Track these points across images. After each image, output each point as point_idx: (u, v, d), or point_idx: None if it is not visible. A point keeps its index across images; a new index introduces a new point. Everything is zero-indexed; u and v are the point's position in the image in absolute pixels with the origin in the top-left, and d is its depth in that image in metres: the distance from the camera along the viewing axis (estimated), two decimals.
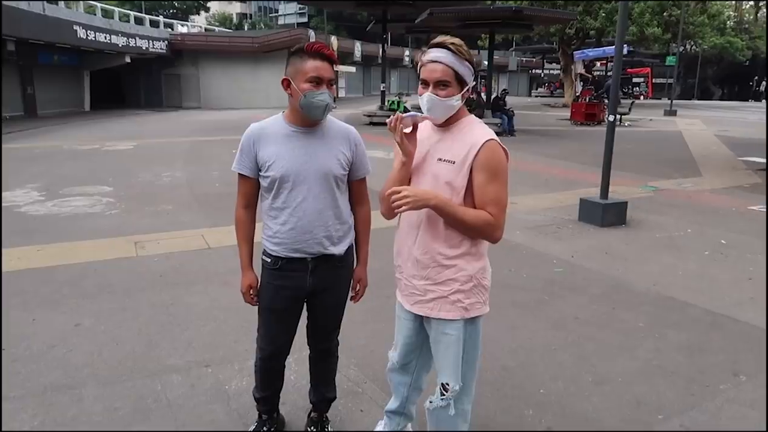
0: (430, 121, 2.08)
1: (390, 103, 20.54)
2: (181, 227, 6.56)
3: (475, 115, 2.16)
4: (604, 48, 25.34)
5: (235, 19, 71.61)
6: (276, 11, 74.35)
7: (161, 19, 37.54)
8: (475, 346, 2.17)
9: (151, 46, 30.51)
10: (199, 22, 54.03)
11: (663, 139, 16.88)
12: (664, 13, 29.89)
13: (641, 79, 51.61)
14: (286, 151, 2.18)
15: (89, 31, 24.90)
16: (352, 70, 44.41)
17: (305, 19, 62.10)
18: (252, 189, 2.30)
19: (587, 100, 21.83)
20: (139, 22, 33.06)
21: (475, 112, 17.64)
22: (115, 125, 21.28)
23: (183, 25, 42.11)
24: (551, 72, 57.75)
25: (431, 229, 2.06)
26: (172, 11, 52.66)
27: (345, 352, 3.42)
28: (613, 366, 3.42)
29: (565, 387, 3.18)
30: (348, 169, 2.29)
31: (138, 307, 4.25)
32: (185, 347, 3.61)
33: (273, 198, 2.24)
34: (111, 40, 26.70)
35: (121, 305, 4.27)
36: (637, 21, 28.59)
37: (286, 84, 2.17)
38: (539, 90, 56.66)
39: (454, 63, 1.95)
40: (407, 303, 2.20)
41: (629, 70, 50.17)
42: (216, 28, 50.12)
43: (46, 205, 7.62)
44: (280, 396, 2.66)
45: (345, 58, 41.82)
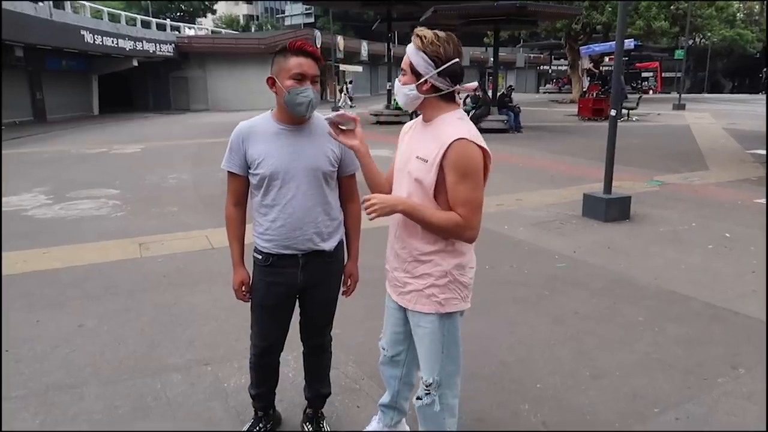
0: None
1: (395, 102, 20.53)
2: (186, 228, 6.61)
3: (482, 113, 2.17)
4: (611, 43, 25.11)
5: (241, 21, 71.85)
6: (282, 12, 74.47)
7: (168, 22, 37.76)
8: (455, 341, 2.18)
9: (158, 50, 30.75)
10: (206, 25, 54.32)
11: (670, 134, 16.75)
12: (672, 7, 29.65)
13: (650, 74, 51.21)
14: (275, 149, 2.21)
15: (96, 36, 25.13)
16: (359, 69, 44.45)
17: (312, 19, 62.11)
18: (242, 187, 2.33)
19: (594, 96, 21.71)
20: (146, 25, 33.29)
21: (482, 109, 17.64)
22: (123, 128, 21.45)
23: (190, 28, 42.35)
24: (559, 68, 57.43)
25: (408, 226, 2.10)
26: (179, 14, 52.93)
27: (343, 350, 3.48)
28: (611, 360, 3.42)
29: (562, 381, 3.18)
30: (337, 166, 2.31)
31: (141, 307, 4.29)
32: (186, 346, 3.64)
33: (263, 195, 2.26)
34: (118, 44, 26.93)
35: (124, 306, 4.32)
36: (644, 15, 28.39)
37: (271, 82, 2.20)
38: (547, 86, 56.33)
39: (410, 53, 1.99)
40: (393, 294, 2.26)
41: (638, 65, 49.79)
42: (223, 30, 50.37)
43: (53, 208, 7.71)
44: (275, 393, 2.69)
45: (352, 57, 41.88)
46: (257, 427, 2.63)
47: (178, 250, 5.73)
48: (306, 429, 2.67)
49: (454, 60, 1.96)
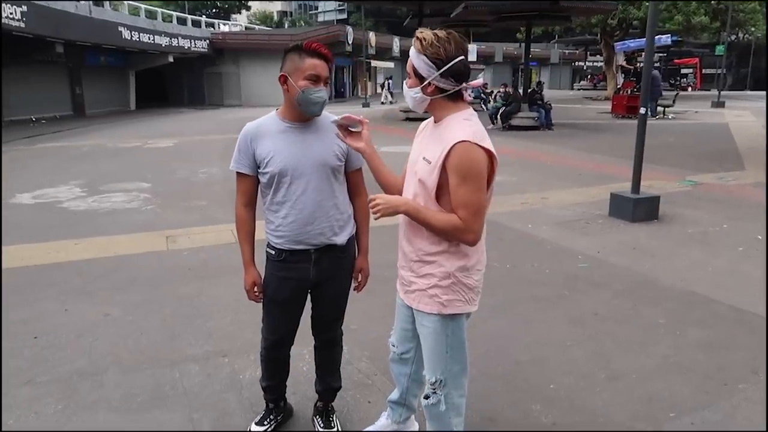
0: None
1: None
2: (213, 222, 6.73)
3: (512, 110, 2.15)
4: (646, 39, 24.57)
5: (275, 17, 72.57)
6: (316, 8, 75.07)
7: (203, 18, 38.40)
8: (460, 342, 2.18)
9: (193, 46, 31.27)
10: (240, 21, 55.01)
11: (707, 132, 16.31)
12: (712, 1, 28.78)
13: (689, 70, 49.86)
14: (283, 147, 2.25)
15: (134, 32, 25.68)
16: (391, 65, 44.42)
17: (344, 15, 62.48)
18: (251, 187, 2.37)
19: (629, 93, 21.26)
20: (182, 22, 33.91)
21: (512, 106, 17.46)
22: (157, 123, 21.92)
23: (225, 24, 42.93)
24: (594, 64, 56.35)
25: (414, 226, 2.10)
26: (214, 11, 53.73)
27: (358, 345, 3.51)
28: (628, 362, 3.37)
29: (576, 382, 3.15)
30: (344, 160, 2.34)
31: (164, 299, 4.40)
32: (206, 338, 3.73)
33: (273, 193, 2.30)
34: (155, 40, 27.49)
35: (148, 297, 4.43)
36: (683, 10, 27.65)
37: (284, 80, 2.23)
38: (582, 83, 55.36)
39: (412, 56, 1.99)
40: (401, 291, 2.28)
41: (676, 61, 48.52)
42: (256, 27, 50.90)
43: (86, 200, 7.94)
44: (286, 385, 2.74)
45: (384, 53, 41.86)
46: (268, 419, 2.68)
47: (204, 244, 5.85)
48: (316, 422, 2.71)
49: (456, 59, 1.94)
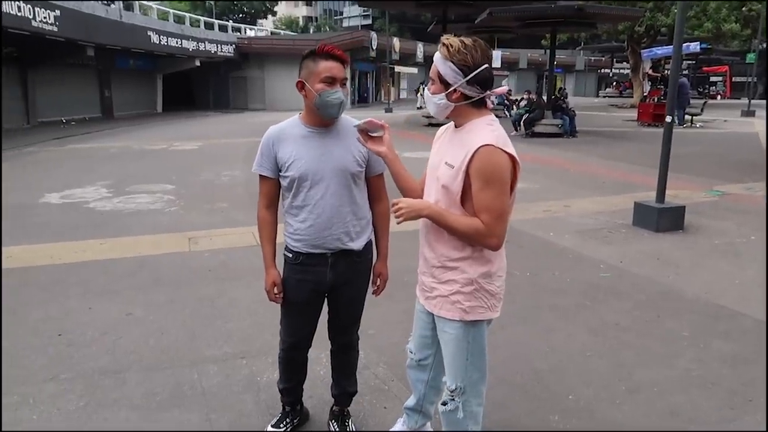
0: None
1: None
2: (234, 224, 6.80)
3: (535, 116, 2.16)
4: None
5: (301, 22, 73.23)
6: (341, 14, 75.46)
7: (230, 23, 38.91)
8: (481, 349, 2.17)
9: (219, 50, 31.73)
10: (266, 26, 55.64)
11: (736, 141, 16.01)
12: (743, 8, 28.24)
13: (719, 78, 48.99)
14: (304, 151, 2.27)
15: (162, 37, 26.17)
16: (414, 71, 44.51)
17: (369, 21, 62.64)
18: (273, 189, 2.40)
19: (656, 101, 20.97)
20: (209, 26, 34.41)
21: (536, 113, 17.35)
22: (183, 126, 22.25)
23: (251, 29, 43.46)
24: (621, 71, 55.72)
25: (436, 231, 2.11)
26: (240, 15, 54.42)
27: (375, 350, 3.52)
28: (649, 375, 3.31)
29: (595, 393, 3.11)
30: (365, 166, 2.35)
31: (185, 299, 4.46)
32: (225, 339, 3.76)
33: (293, 197, 2.32)
34: (182, 44, 27.97)
35: (170, 297, 4.49)
36: (713, 17, 27.17)
37: (301, 86, 2.26)
38: (607, 90, 54.75)
39: (437, 62, 1.99)
40: (421, 298, 2.27)
41: (705, 69, 47.74)
42: (282, 32, 51.42)
43: (112, 201, 8.09)
44: (303, 389, 2.75)
45: (407, 59, 41.97)
46: (285, 422, 2.69)
47: (225, 246, 5.91)
48: (332, 426, 2.72)
49: (482, 66, 1.95)
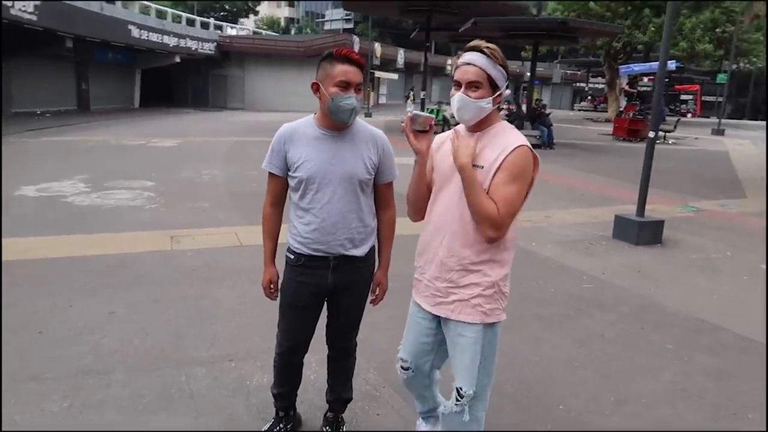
0: (463, 124, 2.12)
1: (430, 111, 20.56)
2: (217, 224, 6.72)
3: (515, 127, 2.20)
4: (651, 63, 24.81)
5: (282, 23, 72.87)
6: (323, 16, 75.46)
7: (211, 21, 38.50)
8: (493, 352, 2.18)
9: (200, 47, 31.39)
10: (247, 25, 55.24)
11: (708, 159, 16.42)
12: (717, 29, 29.03)
13: (690, 97, 50.22)
14: (315, 153, 2.25)
15: (143, 31, 25.79)
16: (395, 77, 44.61)
17: (351, 25, 62.79)
18: (280, 187, 2.37)
19: (631, 116, 21.39)
20: (191, 23, 34.03)
21: (515, 123, 17.51)
22: (161, 122, 21.93)
23: (232, 28, 43.08)
24: (595, 86, 56.73)
25: (460, 233, 2.09)
26: (222, 13, 53.93)
27: (365, 356, 3.47)
28: (636, 387, 3.36)
29: (585, 404, 3.14)
30: (374, 173, 2.33)
31: (169, 299, 4.38)
32: (211, 341, 3.70)
33: (299, 198, 2.30)
34: (163, 40, 27.59)
35: (153, 296, 4.41)
36: (688, 36, 27.88)
37: (315, 88, 2.24)
38: (582, 104, 55.69)
39: (487, 66, 2.00)
40: (427, 304, 2.23)
41: (677, 87, 48.88)
42: (264, 31, 51.11)
43: (90, 196, 7.91)
44: (297, 394, 2.72)
45: (388, 65, 42.07)
46: (278, 427, 2.65)
47: (208, 245, 5.83)
48: None
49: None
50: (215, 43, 33.18)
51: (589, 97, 55.29)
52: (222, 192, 8.72)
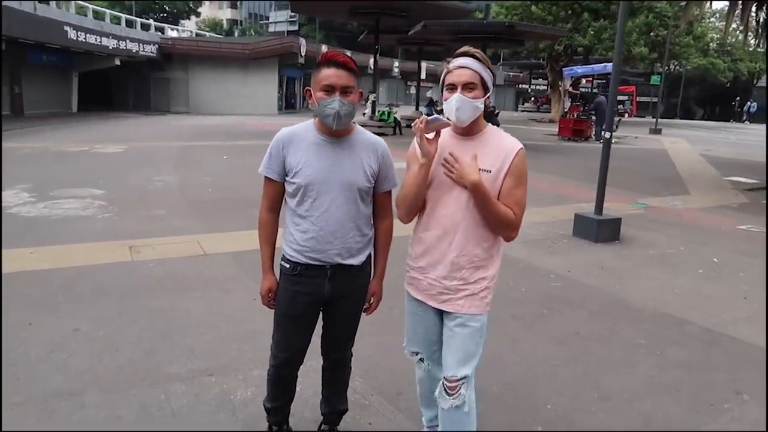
0: (452, 128, 2.20)
1: (381, 114, 20.59)
2: (176, 233, 6.49)
3: None
4: (593, 65, 25.67)
5: (225, 25, 71.51)
6: (267, 18, 74.50)
7: (152, 22, 37.36)
8: (485, 337, 2.34)
9: (141, 49, 30.36)
10: (189, 27, 53.88)
11: (650, 157, 17.11)
12: (651, 33, 30.40)
13: (626, 97, 52.34)
14: (314, 160, 2.19)
15: (80, 33, 24.71)
16: None
17: (296, 27, 62.24)
18: (277, 193, 2.30)
19: (576, 116, 22.06)
20: (130, 24, 32.88)
21: None
22: (103, 128, 21.09)
23: (173, 29, 41.95)
24: (537, 87, 58.32)
25: (472, 235, 2.20)
26: (162, 15, 52.41)
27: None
28: (616, 382, 3.44)
29: (570, 402, 3.19)
30: (374, 182, 2.29)
31: (136, 312, 4.19)
32: (187, 355, 3.56)
33: (297, 204, 2.24)
34: (101, 42, 26.51)
35: (118, 310, 4.20)
36: (625, 40, 28.99)
37: (309, 94, 2.19)
38: (526, 105, 57.11)
39: (479, 69, 2.14)
40: (434, 301, 2.30)
41: None
42: (207, 33, 50.01)
43: (37, 206, 7.50)
44: (290, 407, 2.64)
45: None
46: None
47: (170, 255, 5.62)
48: None
49: None
50: (157, 45, 32.16)
51: (532, 98, 56.73)
52: (177, 199, 8.44)
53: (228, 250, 5.89)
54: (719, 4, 50.52)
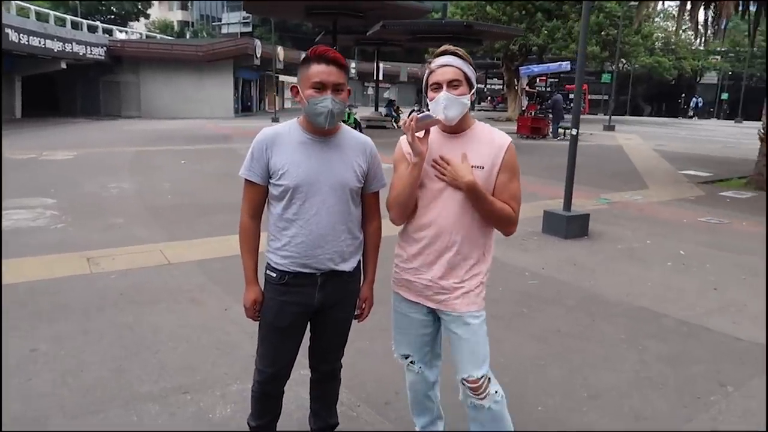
0: (440, 126, 2.14)
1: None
2: (137, 242, 6.20)
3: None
4: (549, 64, 26.12)
5: (176, 27, 69.85)
6: (219, 20, 73.13)
7: (99, 24, 36.13)
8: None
9: (88, 52, 29.33)
10: (138, 29, 52.38)
11: (607, 153, 17.47)
12: (602, 33, 31.19)
13: None
14: (302, 160, 2.06)
15: (22, 35, 23.67)
16: None
17: (249, 28, 61.28)
18: (260, 197, 2.15)
19: (533, 115, 22.39)
20: (76, 26, 31.67)
21: None
22: (50, 134, 20.24)
23: (122, 31, 40.71)
24: (493, 87, 59.07)
25: (469, 234, 2.17)
26: (110, 17, 50.80)
27: None
28: (603, 379, 3.41)
29: (561, 402, 3.14)
30: (363, 182, 2.18)
31: (100, 328, 3.94)
32: (158, 372, 3.35)
33: (284, 208, 2.10)
34: (46, 44, 25.46)
35: (80, 327, 3.95)
36: (578, 39, 29.68)
37: (295, 92, 2.06)
38: (482, 104, 57.80)
39: (462, 66, 2.12)
40: (430, 302, 2.24)
41: (567, 87, 52.04)
42: (157, 36, 48.76)
43: None
44: (276, 425, 2.48)
45: (291, 69, 41.47)
46: None
47: (132, 266, 5.35)
48: None
49: None
50: (105, 47, 31.09)
51: (488, 97, 57.43)
52: (136, 206, 8.10)
53: (193, 258, 5.66)
54: (663, 5, 52.41)
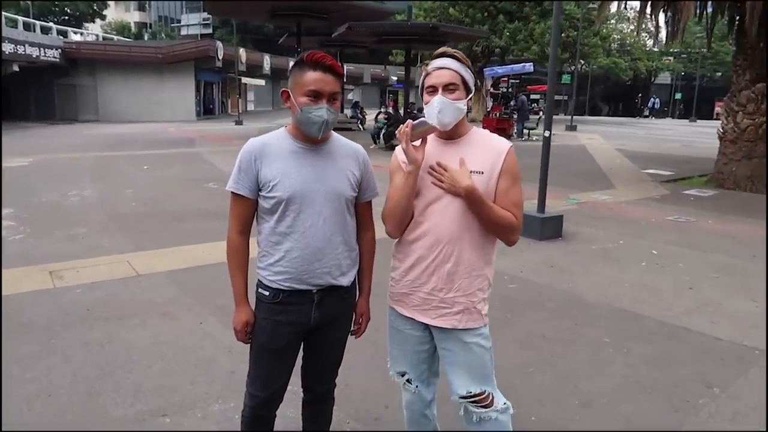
0: (436, 132, 2.06)
1: None
2: (102, 252, 5.94)
3: (393, 131, 2.17)
4: (512, 66, 26.42)
5: (133, 29, 68.22)
6: (178, 21, 71.74)
7: (53, 25, 34.98)
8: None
9: (42, 54, 28.40)
10: (94, 31, 50.92)
11: (571, 153, 17.73)
12: (562, 34, 31.72)
13: (538, 96, 54.46)
14: (294, 170, 1.95)
15: None
16: (262, 83, 43.64)
17: (209, 30, 60.31)
18: (249, 211, 2.03)
19: (498, 116, 22.60)
20: (28, 28, 30.59)
21: (394, 126, 17.77)
22: (3, 139, 19.40)
23: (77, 33, 39.52)
24: None
25: (468, 243, 2.07)
26: (64, 18, 49.25)
27: None
28: (592, 385, 3.38)
29: (554, 411, 3.10)
30: (357, 191, 2.08)
31: (67, 347, 3.73)
32: (133, 394, 3.18)
33: (277, 221, 1.98)
34: None
35: (46, 347, 3.73)
36: (539, 41, 30.15)
37: (286, 97, 1.95)
38: None
39: (459, 69, 2.04)
40: (427, 317, 2.14)
41: (528, 88, 52.87)
42: (114, 37, 47.51)
43: None
44: None
45: (254, 70, 40.98)
46: None
47: (98, 278, 5.11)
48: None
49: None
50: (60, 49, 30.16)
51: None
52: (98, 214, 7.79)
53: (163, 269, 5.45)
54: (618, 7, 53.81)
